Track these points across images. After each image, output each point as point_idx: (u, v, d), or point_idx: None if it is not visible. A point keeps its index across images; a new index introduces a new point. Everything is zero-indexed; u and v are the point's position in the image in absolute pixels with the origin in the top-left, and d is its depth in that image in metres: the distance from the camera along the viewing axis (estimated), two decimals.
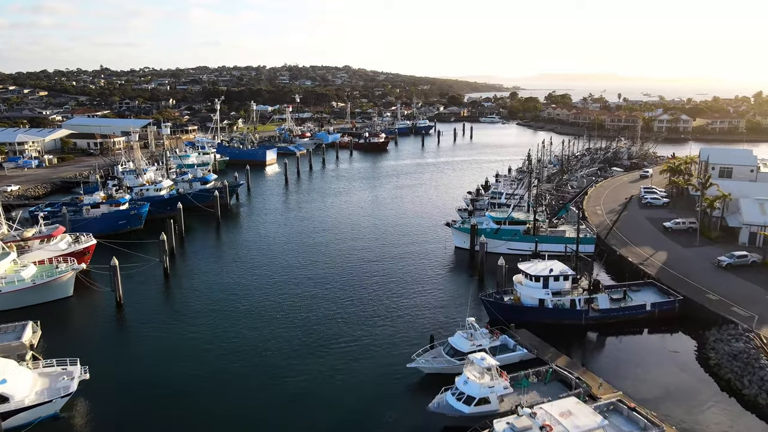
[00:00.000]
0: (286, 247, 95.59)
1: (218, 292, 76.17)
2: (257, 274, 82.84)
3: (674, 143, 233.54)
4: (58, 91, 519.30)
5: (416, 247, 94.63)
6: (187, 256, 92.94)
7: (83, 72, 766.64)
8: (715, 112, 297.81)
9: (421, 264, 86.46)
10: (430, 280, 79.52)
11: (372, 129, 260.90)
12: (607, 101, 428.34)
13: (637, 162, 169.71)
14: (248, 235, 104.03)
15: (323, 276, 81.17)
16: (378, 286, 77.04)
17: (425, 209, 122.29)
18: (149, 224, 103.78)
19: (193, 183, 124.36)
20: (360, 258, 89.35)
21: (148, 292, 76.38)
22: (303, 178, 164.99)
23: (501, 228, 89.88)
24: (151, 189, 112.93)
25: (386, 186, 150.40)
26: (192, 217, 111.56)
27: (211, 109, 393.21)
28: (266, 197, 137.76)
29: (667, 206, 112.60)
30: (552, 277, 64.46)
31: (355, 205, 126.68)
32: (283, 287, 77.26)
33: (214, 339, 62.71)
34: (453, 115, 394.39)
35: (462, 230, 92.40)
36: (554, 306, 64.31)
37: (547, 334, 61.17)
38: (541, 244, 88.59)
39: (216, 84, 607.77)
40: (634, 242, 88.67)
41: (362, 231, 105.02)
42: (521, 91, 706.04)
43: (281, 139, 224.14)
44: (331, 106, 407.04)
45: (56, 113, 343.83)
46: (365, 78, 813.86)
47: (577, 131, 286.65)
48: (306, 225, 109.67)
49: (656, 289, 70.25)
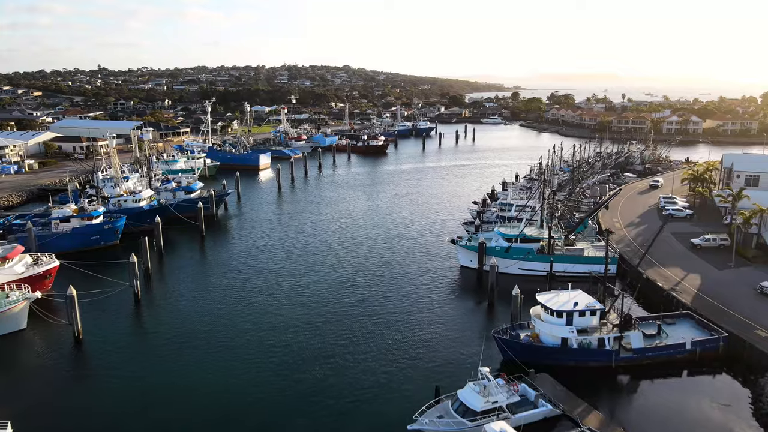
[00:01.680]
0: (274, 267, 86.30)
1: (195, 322, 67.00)
2: (239, 300, 73.65)
3: (685, 146, 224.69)
4: (53, 92, 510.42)
5: (417, 267, 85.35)
6: (164, 278, 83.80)
7: (80, 72, 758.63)
8: (726, 113, 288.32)
9: (423, 288, 77.20)
10: (434, 310, 70.24)
11: (371, 131, 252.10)
12: (611, 102, 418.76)
13: (650, 167, 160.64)
14: (234, 253, 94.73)
15: (312, 305, 71.68)
16: (374, 319, 67.58)
17: (427, 222, 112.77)
18: (127, 239, 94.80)
19: (176, 192, 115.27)
20: (355, 281, 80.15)
21: (113, 323, 67.19)
22: (297, 185, 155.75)
23: (512, 246, 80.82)
24: (129, 200, 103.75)
25: (385, 194, 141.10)
26: (174, 231, 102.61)
27: (206, 111, 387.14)
28: (257, 207, 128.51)
29: (692, 219, 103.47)
30: (577, 312, 55.36)
31: (351, 218, 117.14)
32: (267, 318, 68.04)
33: (188, 384, 53.66)
34: (454, 116, 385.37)
35: (468, 248, 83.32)
36: (579, 346, 55.23)
37: (572, 379, 52.33)
38: (556, 265, 79.74)
39: (214, 84, 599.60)
40: (661, 262, 79.51)
41: (358, 248, 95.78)
42: (522, 91, 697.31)
43: (276, 142, 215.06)
44: (330, 107, 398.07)
45: (47, 114, 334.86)
46: (365, 78, 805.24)
47: (583, 133, 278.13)
48: (297, 242, 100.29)
49: (694, 322, 61.11)
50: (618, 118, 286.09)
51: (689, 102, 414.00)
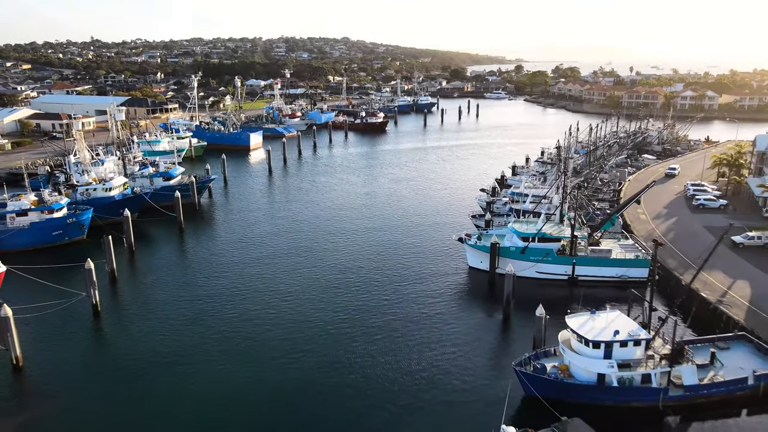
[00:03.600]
0: (258, 269, 75.89)
1: (164, 339, 56.98)
2: (215, 310, 63.47)
3: (700, 123, 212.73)
4: (43, 65, 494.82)
5: (419, 270, 74.68)
6: (131, 283, 73.49)
7: (72, 44, 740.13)
8: (742, 88, 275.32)
9: (425, 298, 66.48)
10: (440, 328, 59.58)
11: (369, 107, 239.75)
12: (619, 76, 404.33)
13: (669, 148, 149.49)
14: (216, 250, 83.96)
15: (294, 327, 61.42)
16: (367, 346, 56.22)
17: (429, 213, 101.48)
18: (97, 234, 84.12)
19: (154, 178, 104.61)
20: (348, 290, 69.49)
21: (63, 344, 57.13)
22: (290, 167, 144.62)
23: (529, 246, 70.49)
24: (99, 188, 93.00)
25: (383, 179, 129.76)
26: (150, 224, 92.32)
27: (200, 84, 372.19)
28: (245, 194, 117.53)
29: (726, 209, 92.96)
30: (617, 343, 45.23)
31: (346, 208, 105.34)
32: (244, 336, 58.07)
33: (150, 416, 44.03)
34: (456, 90, 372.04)
35: (478, 248, 72.99)
36: (620, 383, 45.23)
37: (610, 422, 42.89)
38: (579, 268, 69.67)
39: (209, 57, 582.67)
40: (699, 264, 69.21)
41: (352, 247, 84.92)
42: (525, 63, 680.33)
43: (269, 119, 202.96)
44: (327, 81, 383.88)
45: (33, 88, 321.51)
46: (364, 50, 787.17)
47: (592, 109, 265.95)
48: (285, 238, 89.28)
49: (753, 347, 50.99)
50: (629, 92, 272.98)
51: (700, 75, 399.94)
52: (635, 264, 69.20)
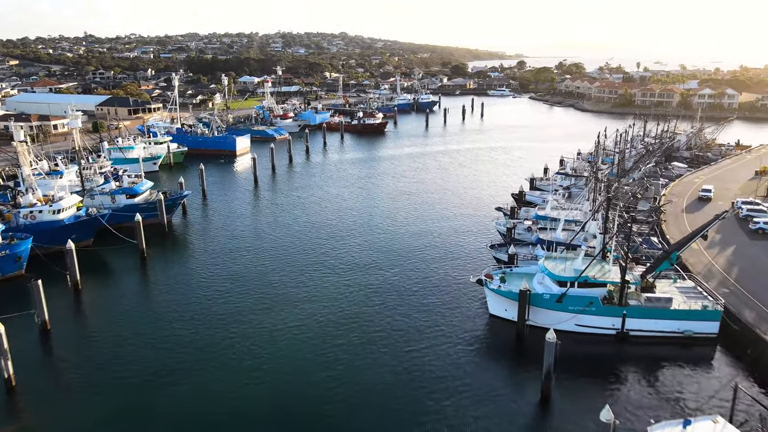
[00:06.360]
0: (232, 314, 61.36)
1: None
2: (176, 377, 49.00)
3: (716, 123, 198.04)
4: (31, 60, 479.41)
5: (424, 320, 59.46)
6: (72, 334, 58.92)
7: (64, 39, 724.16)
8: (762, 86, 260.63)
9: (430, 368, 51.53)
10: (450, 416, 45.50)
11: (367, 107, 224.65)
12: (627, 71, 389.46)
13: (700, 154, 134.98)
14: (186, 285, 68.88)
15: (272, 386, 47.39)
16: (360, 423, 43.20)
17: (437, 241, 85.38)
18: (38, 265, 69.68)
19: (115, 195, 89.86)
20: (337, 349, 55.40)
21: None
22: (279, 177, 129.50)
23: (567, 293, 56.03)
24: (45, 211, 78.09)
25: (382, 195, 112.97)
26: (108, 252, 77.69)
27: (190, 81, 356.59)
28: (224, 211, 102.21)
29: None
30: None
31: (339, 236, 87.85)
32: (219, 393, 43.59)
33: None
34: (458, 87, 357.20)
35: (503, 294, 58.51)
36: None
37: None
38: (631, 320, 55.32)
39: (203, 52, 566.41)
40: None
41: (346, 285, 70.46)
42: (526, 59, 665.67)
43: (259, 120, 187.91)
44: (324, 77, 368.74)
45: (15, 86, 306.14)
46: (362, 45, 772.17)
47: (603, 108, 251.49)
48: (268, 271, 74.80)
49: None
50: (642, 90, 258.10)
51: (710, 72, 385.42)
52: (703, 316, 54.89)
